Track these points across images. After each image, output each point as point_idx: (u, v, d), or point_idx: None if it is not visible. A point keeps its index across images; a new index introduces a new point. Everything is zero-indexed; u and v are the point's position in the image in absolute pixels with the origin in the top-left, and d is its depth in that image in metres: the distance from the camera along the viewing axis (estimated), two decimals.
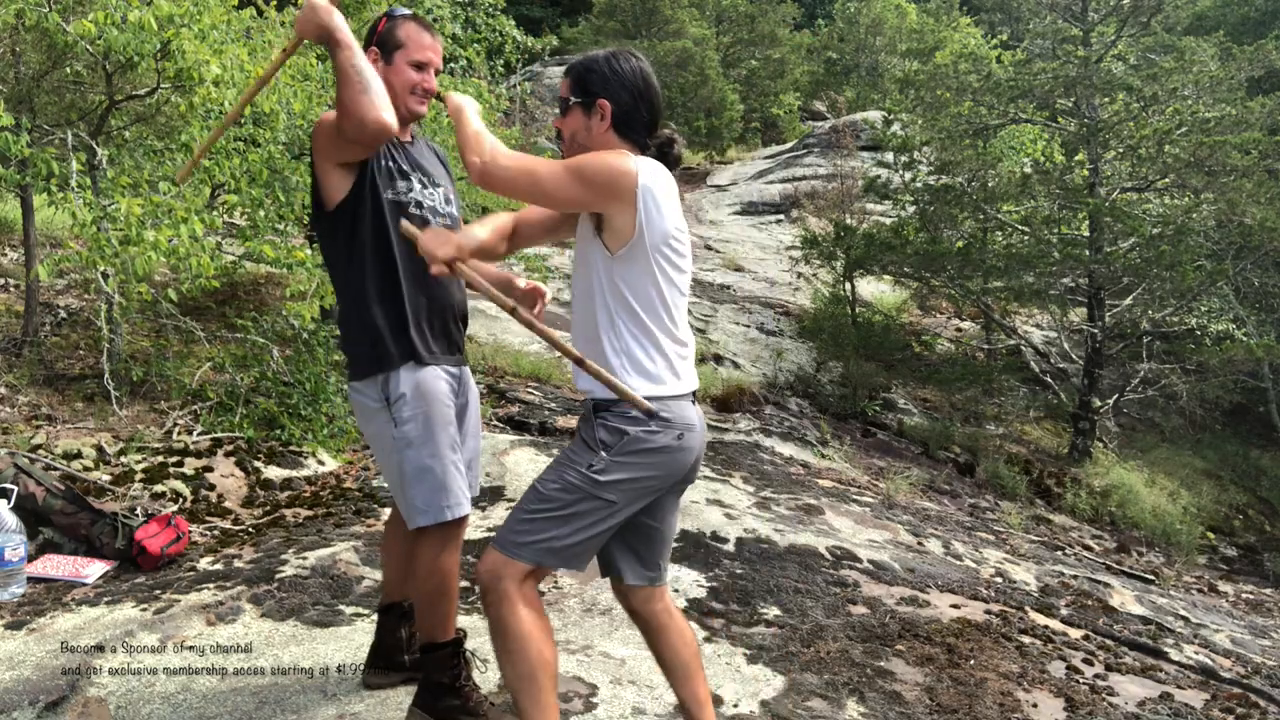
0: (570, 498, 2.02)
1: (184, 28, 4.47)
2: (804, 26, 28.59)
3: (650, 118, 2.12)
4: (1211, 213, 9.67)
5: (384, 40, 2.33)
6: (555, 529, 2.01)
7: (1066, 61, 10.07)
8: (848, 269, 11.21)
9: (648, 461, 2.04)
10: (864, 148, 17.16)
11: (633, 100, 2.09)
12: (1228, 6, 20.91)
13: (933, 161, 11.01)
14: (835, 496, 5.73)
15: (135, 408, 5.12)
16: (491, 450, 5.34)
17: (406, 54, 2.31)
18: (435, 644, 2.35)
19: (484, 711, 2.40)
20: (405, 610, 2.57)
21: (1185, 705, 3.20)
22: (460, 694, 2.38)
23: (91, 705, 2.46)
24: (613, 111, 2.09)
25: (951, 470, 8.65)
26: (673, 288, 2.08)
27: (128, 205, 4.07)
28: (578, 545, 2.03)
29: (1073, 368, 10.67)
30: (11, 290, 6.63)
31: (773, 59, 24.16)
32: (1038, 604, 4.12)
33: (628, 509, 2.07)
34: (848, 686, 2.95)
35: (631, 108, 2.09)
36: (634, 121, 2.10)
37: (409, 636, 2.59)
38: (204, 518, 4.22)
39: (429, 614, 2.33)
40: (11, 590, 3.24)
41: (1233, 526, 9.59)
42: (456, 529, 2.35)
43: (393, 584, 2.61)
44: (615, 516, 2.05)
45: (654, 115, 2.12)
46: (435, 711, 2.36)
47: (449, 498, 2.29)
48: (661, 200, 2.01)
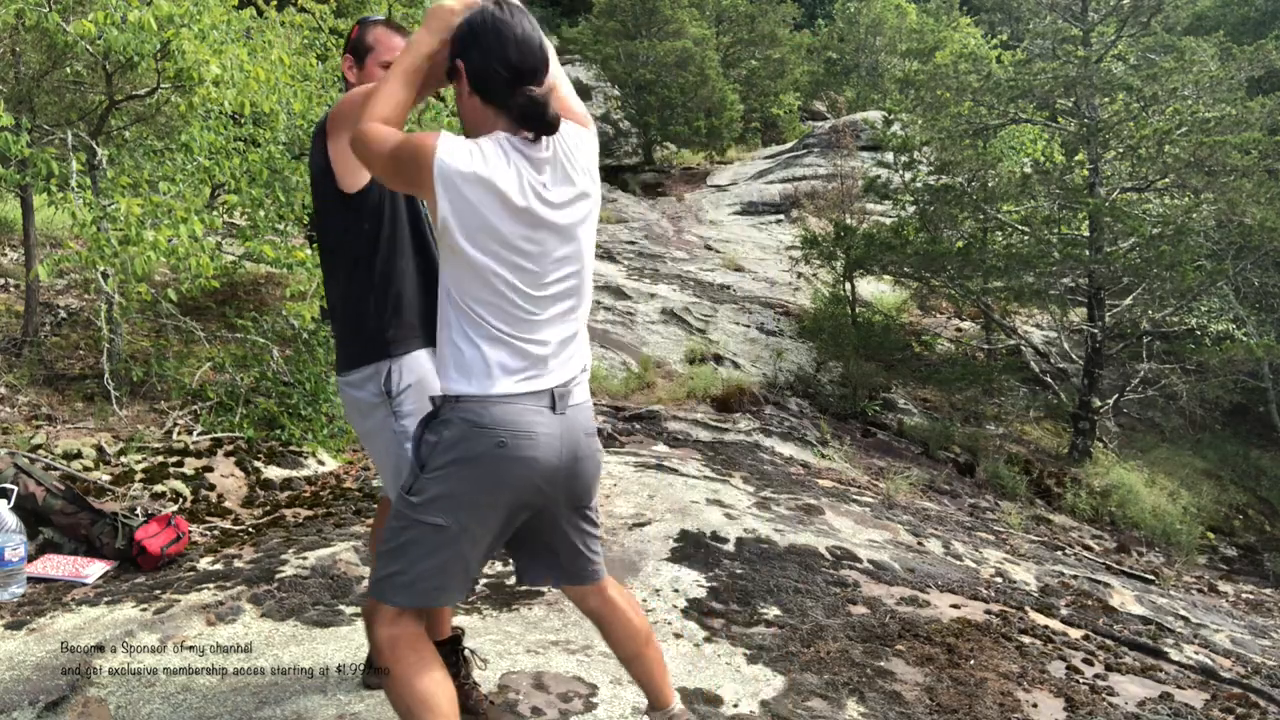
0: (397, 525, 1.83)
1: (184, 28, 4.48)
2: (804, 26, 28.57)
3: (510, 75, 1.78)
4: (1211, 213, 9.67)
5: (356, 47, 2.37)
6: (395, 564, 1.83)
7: (1066, 61, 10.07)
8: (848, 269, 11.21)
9: (463, 474, 1.79)
10: (864, 148, 17.15)
11: (483, 57, 1.79)
12: (1228, 6, 20.90)
13: (933, 161, 11.00)
14: (835, 496, 5.73)
15: (135, 408, 5.12)
16: None
17: (376, 56, 2.33)
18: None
19: (483, 711, 2.40)
20: None
21: (1185, 705, 3.20)
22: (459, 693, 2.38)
23: (91, 705, 2.46)
24: (468, 73, 1.82)
25: (951, 470, 8.64)
26: (515, 280, 1.80)
27: (127, 205, 4.07)
28: (424, 579, 1.82)
29: (1073, 368, 10.66)
30: (11, 290, 6.63)
31: (773, 59, 24.12)
32: (1038, 604, 4.12)
33: (473, 530, 1.82)
34: (848, 686, 2.95)
35: (483, 66, 1.80)
36: (491, 83, 1.80)
37: None
38: (204, 518, 4.22)
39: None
40: (11, 590, 3.24)
41: (1233, 526, 9.59)
42: None
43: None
44: (459, 541, 1.81)
45: (516, 72, 1.78)
46: None
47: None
48: (474, 183, 1.75)
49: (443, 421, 1.82)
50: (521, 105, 1.78)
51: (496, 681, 2.67)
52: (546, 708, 2.56)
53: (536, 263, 1.83)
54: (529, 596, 3.48)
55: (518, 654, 2.89)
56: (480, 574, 2.11)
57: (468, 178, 1.75)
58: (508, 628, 3.15)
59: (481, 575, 2.34)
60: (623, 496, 4.70)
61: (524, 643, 3.00)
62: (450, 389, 1.83)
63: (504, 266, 1.80)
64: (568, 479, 1.90)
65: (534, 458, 1.80)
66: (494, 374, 1.79)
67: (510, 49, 1.79)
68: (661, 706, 2.20)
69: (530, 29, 1.82)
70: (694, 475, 5.37)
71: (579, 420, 1.90)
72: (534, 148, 1.83)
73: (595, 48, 21.01)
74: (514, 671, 2.75)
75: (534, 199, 1.80)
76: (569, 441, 1.86)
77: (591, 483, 2.00)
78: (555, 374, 1.85)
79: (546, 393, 1.83)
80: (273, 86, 4.96)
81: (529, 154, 1.82)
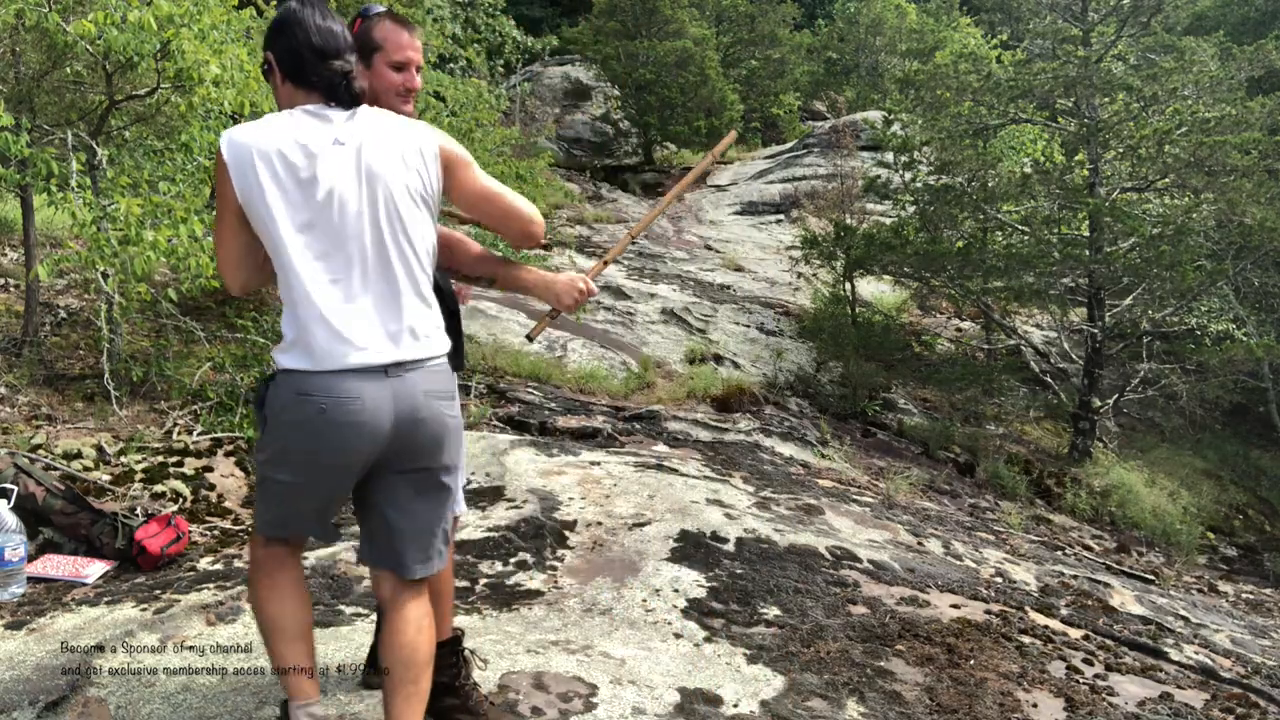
0: (259, 475, 2.09)
1: (184, 28, 4.47)
2: (804, 26, 28.57)
3: (314, 56, 1.94)
4: (1211, 213, 9.67)
5: (361, 44, 2.23)
6: (258, 504, 2.11)
7: (1066, 61, 10.06)
8: (848, 269, 11.21)
9: (287, 436, 1.94)
10: (864, 148, 17.15)
11: (288, 44, 1.95)
12: (1228, 6, 20.89)
13: (933, 161, 11.00)
14: (835, 496, 5.73)
15: (135, 408, 5.12)
16: (491, 450, 5.34)
17: (385, 56, 2.22)
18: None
19: (483, 711, 2.40)
20: None
21: (1185, 705, 3.20)
22: (459, 693, 2.38)
23: (91, 705, 2.46)
24: (277, 61, 1.97)
25: (951, 470, 8.64)
26: (304, 250, 1.88)
27: (127, 205, 4.07)
28: (273, 518, 2.06)
29: (1073, 368, 10.67)
30: (11, 290, 6.63)
31: (773, 59, 24.12)
32: (1038, 604, 4.12)
33: (304, 486, 1.98)
34: (848, 686, 2.95)
35: (289, 52, 1.95)
36: (300, 68, 1.95)
37: None
38: (204, 518, 4.22)
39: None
40: (11, 590, 3.24)
41: (1233, 526, 9.59)
42: (451, 528, 2.36)
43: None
44: (296, 494, 2.00)
45: (319, 52, 1.94)
46: (434, 711, 2.36)
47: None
48: (257, 161, 1.87)
49: (275, 389, 1.95)
50: (327, 78, 1.93)
51: (496, 681, 2.67)
52: (546, 708, 2.56)
53: (333, 235, 1.90)
54: (529, 596, 3.48)
55: (518, 654, 2.89)
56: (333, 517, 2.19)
57: (278, 146, 1.88)
58: (508, 628, 3.15)
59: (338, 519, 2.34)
60: (623, 496, 4.70)
61: (524, 643, 3.00)
62: (277, 362, 1.95)
63: (302, 236, 1.88)
64: (400, 439, 1.95)
65: (358, 422, 1.89)
66: (314, 347, 1.89)
67: (313, 34, 1.94)
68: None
69: (331, 22, 1.99)
70: (694, 475, 5.37)
71: (417, 381, 1.95)
72: (332, 119, 1.94)
73: (595, 48, 21.00)
74: (514, 671, 2.75)
75: (316, 166, 1.89)
76: (405, 403, 1.93)
77: (432, 443, 2.00)
78: (377, 341, 1.92)
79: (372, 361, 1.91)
80: (271, 89, 4.95)
81: (325, 120, 1.93)
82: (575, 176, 18.76)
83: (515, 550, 3.92)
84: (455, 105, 7.00)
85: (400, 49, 2.23)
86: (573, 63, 23.95)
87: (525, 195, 8.33)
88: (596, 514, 4.41)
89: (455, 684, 2.37)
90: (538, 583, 3.62)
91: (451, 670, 2.37)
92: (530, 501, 4.53)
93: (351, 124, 1.95)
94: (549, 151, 8.19)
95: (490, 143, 7.27)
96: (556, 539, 4.08)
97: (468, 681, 2.41)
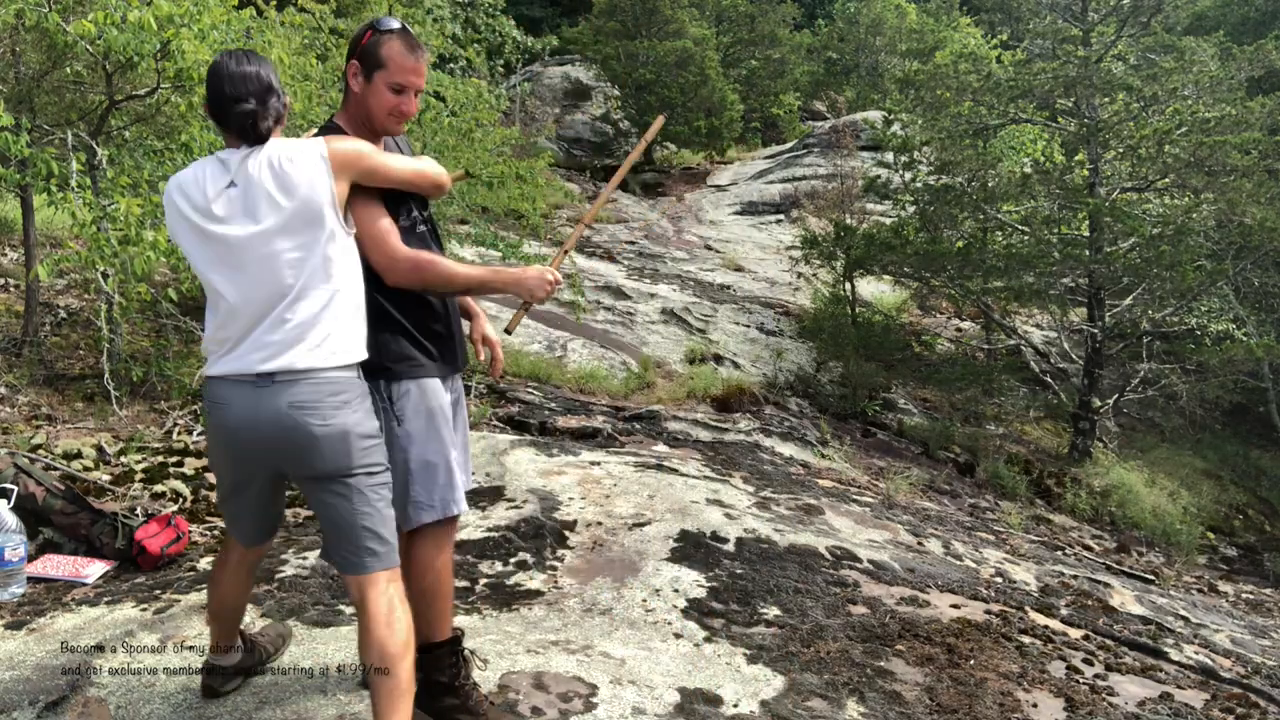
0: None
1: (184, 28, 4.47)
2: (804, 26, 28.58)
3: (227, 102, 2.11)
4: (1211, 213, 9.67)
5: (366, 55, 2.21)
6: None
7: (1066, 61, 10.06)
8: (848, 269, 11.21)
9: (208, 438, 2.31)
10: (864, 148, 17.15)
11: (210, 92, 2.15)
12: (1228, 6, 20.90)
13: (933, 161, 11.00)
14: (835, 496, 5.73)
15: (135, 408, 5.12)
16: (491, 450, 5.34)
17: (387, 75, 2.20)
18: (432, 644, 2.35)
19: (483, 711, 2.40)
20: None
21: (1185, 705, 3.20)
22: (459, 693, 2.38)
23: (91, 705, 2.46)
24: (208, 109, 2.16)
25: (951, 470, 8.65)
26: (206, 281, 2.14)
27: (127, 205, 4.07)
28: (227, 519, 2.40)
29: (1073, 368, 10.67)
30: (11, 290, 6.63)
31: (773, 59, 24.13)
32: (1038, 604, 4.12)
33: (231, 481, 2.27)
34: (848, 686, 2.95)
35: (211, 100, 2.14)
36: (218, 113, 2.14)
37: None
38: (204, 518, 4.22)
39: (425, 613, 2.31)
40: (11, 590, 3.24)
41: (1233, 526, 9.59)
42: (451, 527, 2.36)
43: None
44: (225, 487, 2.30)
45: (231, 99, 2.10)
46: (434, 711, 2.36)
47: (453, 493, 2.30)
48: (177, 202, 2.13)
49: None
50: (237, 121, 2.10)
51: (496, 681, 2.67)
52: (546, 708, 2.56)
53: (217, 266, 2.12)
54: (529, 596, 3.48)
55: (518, 654, 2.89)
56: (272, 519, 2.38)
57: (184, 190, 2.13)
58: (508, 628, 3.15)
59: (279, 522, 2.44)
60: (623, 496, 4.70)
61: (524, 643, 3.00)
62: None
63: (202, 268, 2.14)
64: (276, 446, 2.12)
65: (225, 425, 2.14)
66: (210, 355, 2.17)
67: (224, 82, 2.12)
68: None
69: (249, 68, 2.14)
70: (694, 475, 5.37)
71: (285, 393, 2.09)
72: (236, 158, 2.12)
73: (595, 48, 21.00)
74: (514, 671, 2.75)
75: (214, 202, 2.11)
76: (268, 413, 2.09)
77: (302, 451, 2.10)
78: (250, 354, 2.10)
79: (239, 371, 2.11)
80: None
81: (226, 163, 2.13)
82: (575, 176, 18.76)
83: (515, 550, 3.92)
84: (455, 105, 6.99)
85: (404, 72, 2.21)
86: (573, 63, 23.94)
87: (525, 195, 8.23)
88: (596, 514, 4.41)
89: (455, 684, 2.37)
90: (538, 583, 3.62)
91: (451, 670, 2.37)
92: (530, 501, 4.53)
93: (245, 163, 2.12)
94: (549, 151, 8.19)
95: (490, 143, 7.27)
96: (556, 539, 4.08)
97: (467, 681, 2.41)
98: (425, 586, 2.31)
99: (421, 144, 6.60)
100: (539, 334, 9.46)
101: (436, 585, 2.33)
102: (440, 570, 2.33)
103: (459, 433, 2.48)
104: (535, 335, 9.39)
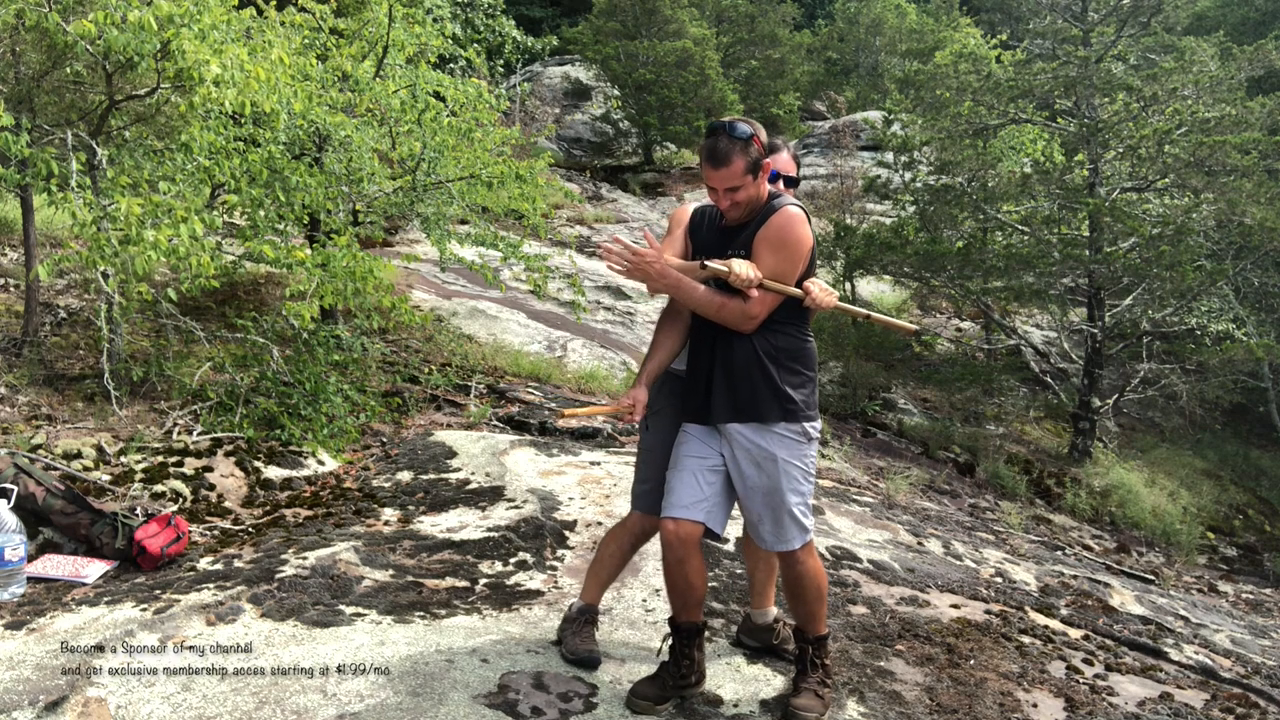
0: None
1: (184, 28, 4.47)
2: (804, 26, 28.59)
3: None
4: (1211, 213, 9.68)
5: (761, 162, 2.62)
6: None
7: (1066, 61, 10.07)
8: (848, 269, 11.22)
9: None
10: (864, 148, 17.15)
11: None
12: (1228, 6, 20.91)
13: (933, 161, 11.01)
14: (835, 496, 5.73)
15: (135, 408, 5.12)
16: (491, 450, 5.34)
17: (706, 179, 2.63)
18: (821, 636, 2.76)
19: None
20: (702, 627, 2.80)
21: (1185, 705, 3.20)
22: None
23: (91, 705, 2.46)
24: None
25: (951, 470, 8.65)
26: None
27: (128, 205, 4.07)
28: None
29: (1073, 368, 10.67)
30: (11, 290, 6.63)
31: (773, 59, 24.13)
32: (1038, 604, 4.12)
33: None
34: (848, 686, 2.95)
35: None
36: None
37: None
38: (204, 518, 4.22)
39: (818, 610, 2.74)
40: (11, 590, 3.24)
41: (1233, 526, 9.59)
42: None
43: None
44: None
45: None
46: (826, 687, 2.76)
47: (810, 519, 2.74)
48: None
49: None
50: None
51: (497, 681, 2.67)
52: (546, 708, 2.56)
53: None
54: (529, 596, 3.48)
55: (518, 654, 2.89)
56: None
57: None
58: (508, 628, 3.15)
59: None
60: (622, 496, 4.69)
61: (524, 643, 3.00)
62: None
63: None
64: None
65: None
66: None
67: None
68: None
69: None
70: None
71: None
72: None
73: (595, 48, 21.00)
74: (514, 671, 2.75)
75: None
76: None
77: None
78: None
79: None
80: (273, 86, 4.95)
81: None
82: (575, 176, 18.75)
83: (515, 550, 3.92)
84: (455, 105, 6.99)
85: (709, 179, 2.60)
86: (573, 63, 23.94)
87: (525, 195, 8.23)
88: (596, 514, 4.41)
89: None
90: (538, 583, 3.62)
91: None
92: (530, 501, 4.53)
93: None
94: (549, 151, 8.18)
95: (490, 143, 7.26)
96: (556, 539, 4.08)
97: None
98: (817, 588, 2.77)
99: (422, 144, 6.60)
100: (539, 334, 9.46)
101: (824, 587, 2.82)
102: (822, 574, 2.79)
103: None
104: (535, 335, 9.39)
